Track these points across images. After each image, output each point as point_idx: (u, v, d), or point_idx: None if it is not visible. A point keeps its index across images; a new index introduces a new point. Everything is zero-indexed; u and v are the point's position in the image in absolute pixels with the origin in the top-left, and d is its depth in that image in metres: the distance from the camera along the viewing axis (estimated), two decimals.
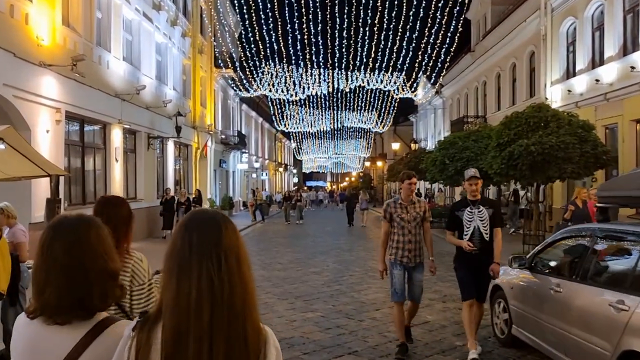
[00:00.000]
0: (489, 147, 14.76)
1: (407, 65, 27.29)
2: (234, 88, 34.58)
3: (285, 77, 27.85)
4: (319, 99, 46.08)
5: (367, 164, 67.38)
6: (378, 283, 10.50)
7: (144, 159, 18.86)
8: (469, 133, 18.25)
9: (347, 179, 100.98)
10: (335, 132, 60.79)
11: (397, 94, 29.87)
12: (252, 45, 25.71)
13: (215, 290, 1.45)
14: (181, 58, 24.15)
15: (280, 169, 69.73)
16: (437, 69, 28.40)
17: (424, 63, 26.53)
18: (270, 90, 28.35)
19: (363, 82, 27.41)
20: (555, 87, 19.72)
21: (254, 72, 27.83)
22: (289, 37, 24.37)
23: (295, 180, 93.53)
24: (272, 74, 27.85)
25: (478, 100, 30.95)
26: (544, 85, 20.64)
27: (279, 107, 40.96)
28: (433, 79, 29.90)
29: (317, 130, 56.23)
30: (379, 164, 59.27)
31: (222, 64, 30.85)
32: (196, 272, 1.46)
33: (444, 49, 26.09)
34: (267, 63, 27.40)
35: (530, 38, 22.15)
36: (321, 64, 24.21)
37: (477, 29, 32.10)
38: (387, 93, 36.65)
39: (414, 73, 28.54)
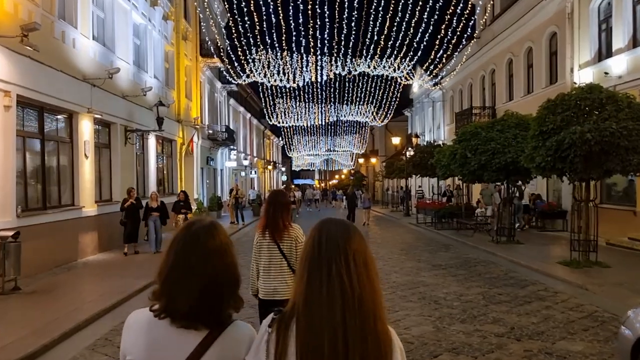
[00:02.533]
0: (527, 137, 12.56)
1: (408, 56, 24.72)
2: (225, 74, 32.15)
3: (278, 64, 25.36)
4: (313, 89, 43.64)
5: (361, 160, 65.02)
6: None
7: (121, 154, 16.41)
8: (493, 122, 16.04)
9: (336, 176, 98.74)
10: (329, 126, 58.17)
11: (404, 81, 27.42)
12: (241, 31, 23.26)
13: (345, 287, 1.49)
14: (163, 43, 21.68)
15: (269, 167, 67.24)
16: (439, 58, 26.12)
17: (421, 51, 24.20)
18: (265, 76, 25.80)
19: (353, 69, 24.89)
20: (584, 71, 17.58)
21: (243, 59, 25.32)
22: (281, 21, 21.91)
23: (284, 178, 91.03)
24: (263, 63, 25.33)
25: (485, 90, 28.80)
26: (569, 69, 18.50)
27: (270, 98, 38.18)
28: (433, 69, 27.62)
29: (310, 124, 53.48)
30: (373, 160, 57.10)
31: (208, 53, 28.35)
32: (326, 269, 1.52)
33: (447, 38, 23.78)
34: (258, 50, 24.89)
35: (551, 18, 20.01)
36: (318, 50, 21.86)
37: (482, 14, 29.93)
38: (389, 81, 34.15)
39: (412, 63, 26.22)
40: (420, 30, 22.87)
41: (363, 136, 61.24)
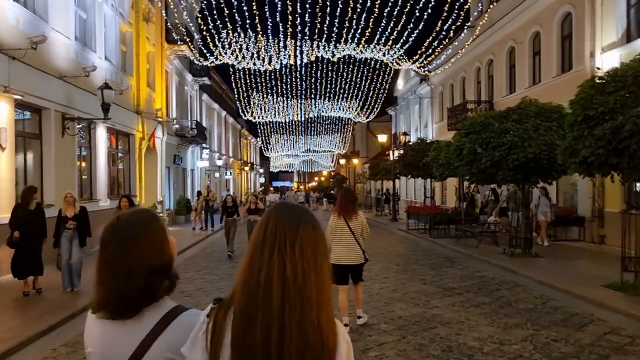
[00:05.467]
0: (564, 125, 9.92)
1: (398, 43, 21.92)
2: (196, 65, 29.21)
3: (253, 46, 22.36)
4: (292, 77, 40.48)
5: (342, 161, 62.17)
6: None
7: (56, 148, 13.38)
8: (508, 111, 13.40)
9: (316, 178, 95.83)
10: (309, 123, 54.96)
11: (394, 65, 24.58)
12: (215, 15, 20.28)
13: (287, 275, 1.39)
14: (118, 21, 18.64)
15: (246, 168, 64.08)
16: (428, 49, 23.36)
17: (409, 44, 21.44)
18: (236, 58, 22.78)
19: (337, 51, 21.93)
20: (609, 54, 15.07)
21: (213, 44, 22.30)
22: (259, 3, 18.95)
23: (262, 180, 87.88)
24: (236, 46, 22.35)
25: (480, 84, 26.29)
26: (588, 54, 15.99)
27: (244, 89, 34.91)
28: (422, 60, 24.91)
29: (289, 120, 50.24)
30: (355, 161, 54.39)
31: (177, 39, 25.30)
32: (267, 255, 1.42)
33: (437, 28, 21.04)
34: (231, 32, 21.91)
35: None
36: (298, 31, 18.95)
37: (476, 2, 27.42)
38: (377, 70, 31.27)
39: (402, 49, 23.46)
40: (412, 19, 20.11)
41: (345, 135, 58.23)
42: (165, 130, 24.56)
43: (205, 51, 24.15)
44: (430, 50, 22.39)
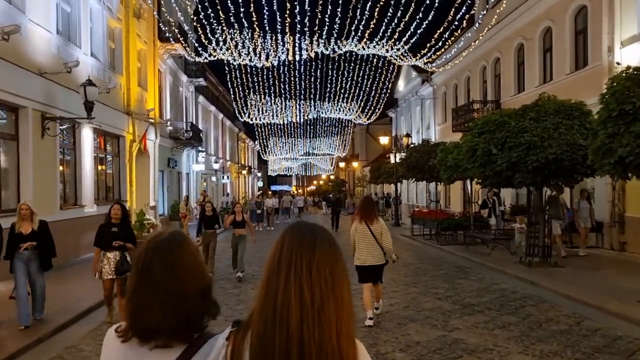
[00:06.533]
0: (595, 123, 8.91)
1: (399, 46, 20.87)
2: (191, 66, 28.21)
3: (254, 44, 21.26)
4: (290, 75, 39.28)
5: (341, 164, 61.04)
6: None
7: (34, 150, 12.30)
8: (524, 109, 12.38)
9: (314, 182, 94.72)
10: (308, 125, 53.76)
11: (398, 61, 23.53)
12: (210, 13, 19.24)
13: (305, 298, 1.34)
14: (106, 16, 17.59)
15: (244, 172, 62.99)
16: (431, 49, 22.31)
17: (411, 43, 20.35)
18: (232, 54, 21.68)
19: (337, 47, 20.76)
20: (630, 48, 14.06)
21: (208, 41, 21.24)
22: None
23: (260, 184, 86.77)
24: (231, 42, 21.28)
25: (486, 83, 25.28)
26: (606, 48, 14.98)
27: (240, 88, 33.68)
28: (428, 57, 23.89)
29: (287, 122, 49.04)
30: (355, 164, 53.36)
31: (169, 37, 24.26)
32: (284, 276, 1.38)
33: (441, 28, 20.02)
34: (227, 29, 20.86)
35: None
36: (297, 27, 17.90)
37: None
38: (379, 68, 30.15)
39: (406, 47, 22.40)
40: (417, 16, 19.09)
41: (345, 137, 57.04)
42: (158, 132, 23.51)
43: (200, 49, 23.11)
44: (434, 48, 21.37)
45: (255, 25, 18.93)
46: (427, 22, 19.06)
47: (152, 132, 22.47)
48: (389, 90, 34.71)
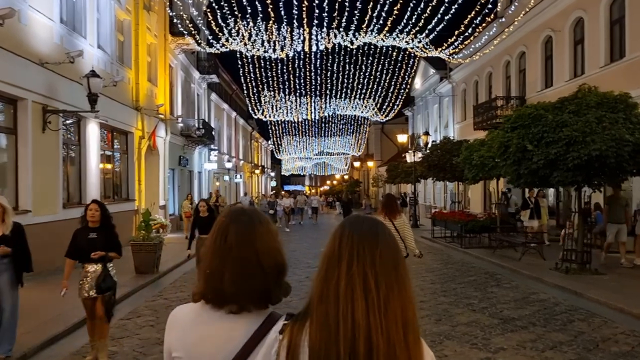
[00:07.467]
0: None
1: (420, 38, 19.88)
2: (203, 63, 27.45)
3: (268, 35, 20.36)
4: (305, 69, 38.30)
5: (356, 164, 59.99)
6: None
7: (34, 145, 11.52)
8: (562, 101, 11.37)
9: (328, 182, 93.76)
10: (322, 123, 52.71)
11: (420, 53, 22.50)
12: (224, 4, 18.39)
13: (369, 286, 1.28)
14: (114, 7, 16.81)
15: (257, 171, 62.23)
16: (453, 44, 21.27)
17: (437, 31, 19.32)
18: (245, 45, 20.82)
19: (356, 39, 19.76)
20: None
21: (224, 31, 20.39)
22: None
23: (274, 184, 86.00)
24: (248, 33, 20.42)
25: (510, 79, 24.18)
26: None
27: (253, 84, 32.74)
28: (450, 52, 22.86)
29: (301, 120, 48.08)
30: (370, 164, 52.34)
31: (182, 31, 23.45)
32: (345, 265, 1.31)
33: (465, 21, 19.02)
34: (244, 22, 20.00)
35: None
36: (314, 18, 17.05)
37: None
38: (398, 62, 29.13)
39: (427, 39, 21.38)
40: (441, 7, 18.12)
41: (360, 136, 55.90)
42: (168, 129, 22.74)
43: (212, 41, 22.30)
44: (458, 40, 20.35)
45: (270, 15, 18.07)
46: (451, 13, 18.08)
47: (162, 128, 21.70)
48: (408, 86, 33.60)
